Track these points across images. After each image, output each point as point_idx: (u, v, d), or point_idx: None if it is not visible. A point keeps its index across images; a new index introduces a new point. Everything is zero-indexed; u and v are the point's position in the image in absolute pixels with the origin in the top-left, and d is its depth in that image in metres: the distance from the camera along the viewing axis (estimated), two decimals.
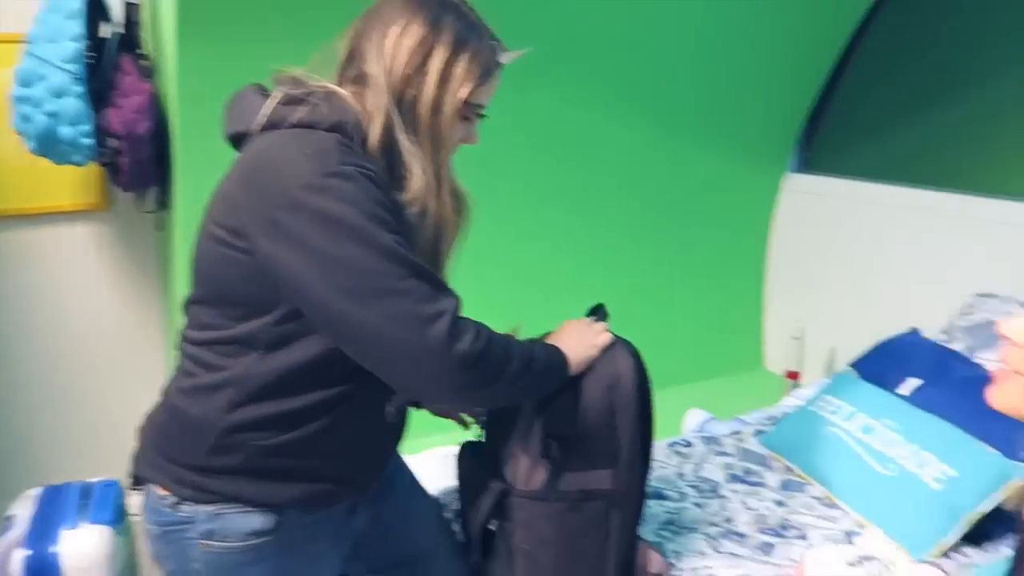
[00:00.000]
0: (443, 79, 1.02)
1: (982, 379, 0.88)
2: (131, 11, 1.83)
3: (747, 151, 2.67)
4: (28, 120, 1.72)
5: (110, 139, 1.77)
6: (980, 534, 1.41)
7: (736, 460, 1.73)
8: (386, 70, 1.01)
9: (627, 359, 1.19)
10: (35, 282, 2.04)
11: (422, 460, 1.70)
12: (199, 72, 1.68)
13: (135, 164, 1.80)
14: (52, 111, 1.70)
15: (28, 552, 1.58)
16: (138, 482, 1.10)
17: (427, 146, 1.03)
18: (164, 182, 1.89)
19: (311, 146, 0.96)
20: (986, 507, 1.40)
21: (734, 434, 1.85)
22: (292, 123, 0.99)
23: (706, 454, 1.75)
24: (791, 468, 1.69)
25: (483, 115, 1.11)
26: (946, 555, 1.39)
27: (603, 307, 1.26)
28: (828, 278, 2.65)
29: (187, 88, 1.71)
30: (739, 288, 2.87)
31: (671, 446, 1.79)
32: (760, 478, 1.67)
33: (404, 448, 1.33)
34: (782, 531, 1.47)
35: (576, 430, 1.17)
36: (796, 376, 2.66)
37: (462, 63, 1.03)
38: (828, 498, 1.58)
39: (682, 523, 1.48)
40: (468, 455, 1.31)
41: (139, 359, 2.18)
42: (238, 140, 1.07)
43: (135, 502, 1.22)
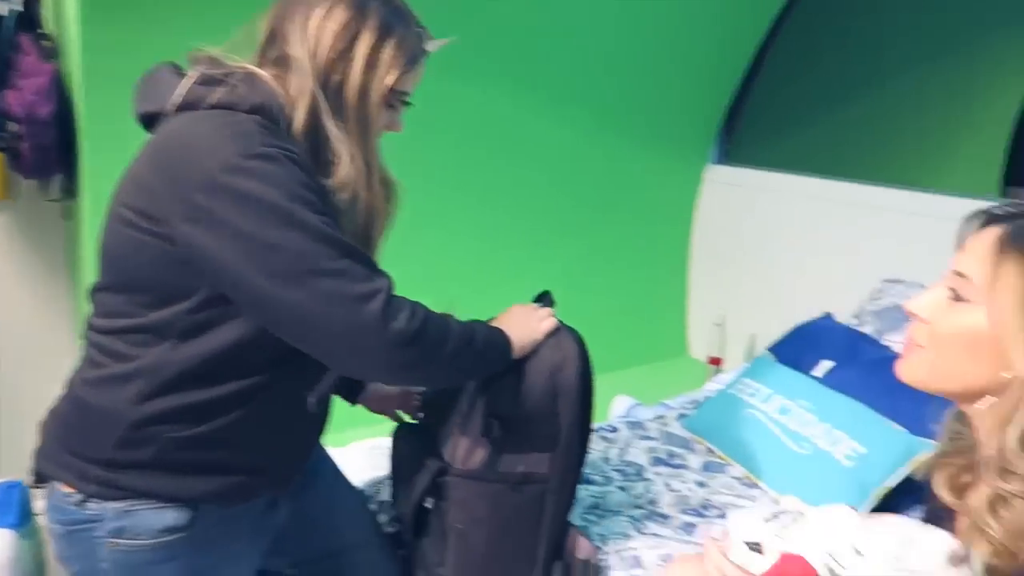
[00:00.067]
0: (369, 64, 1.01)
1: (890, 360, 0.91)
2: None
3: (670, 144, 2.72)
4: None
5: (9, 123, 1.67)
6: (890, 507, 1.48)
7: (660, 444, 1.77)
8: (310, 53, 0.99)
9: (572, 346, 1.21)
10: None
11: (348, 452, 1.68)
12: (104, 51, 1.61)
13: (37, 149, 1.71)
14: None
15: None
16: (41, 480, 1.05)
17: (355, 132, 1.01)
18: (70, 168, 1.80)
19: (231, 127, 0.94)
20: (893, 482, 1.46)
21: (658, 418, 1.89)
22: (210, 104, 0.96)
23: (631, 438, 1.78)
24: (712, 450, 1.73)
25: (408, 103, 1.10)
26: None
27: (549, 294, 1.28)
28: (748, 266, 2.73)
29: (92, 68, 1.63)
30: (663, 277, 2.93)
31: (597, 431, 1.80)
32: (683, 460, 1.71)
33: (330, 441, 1.31)
34: (703, 511, 1.51)
35: (518, 412, 1.18)
36: (718, 362, 2.74)
37: (388, 49, 1.02)
38: (748, 478, 1.62)
39: (607, 506, 1.50)
40: (404, 436, 1.32)
41: (47, 356, 2.06)
42: (150, 121, 1.03)
43: (42, 503, 1.16)
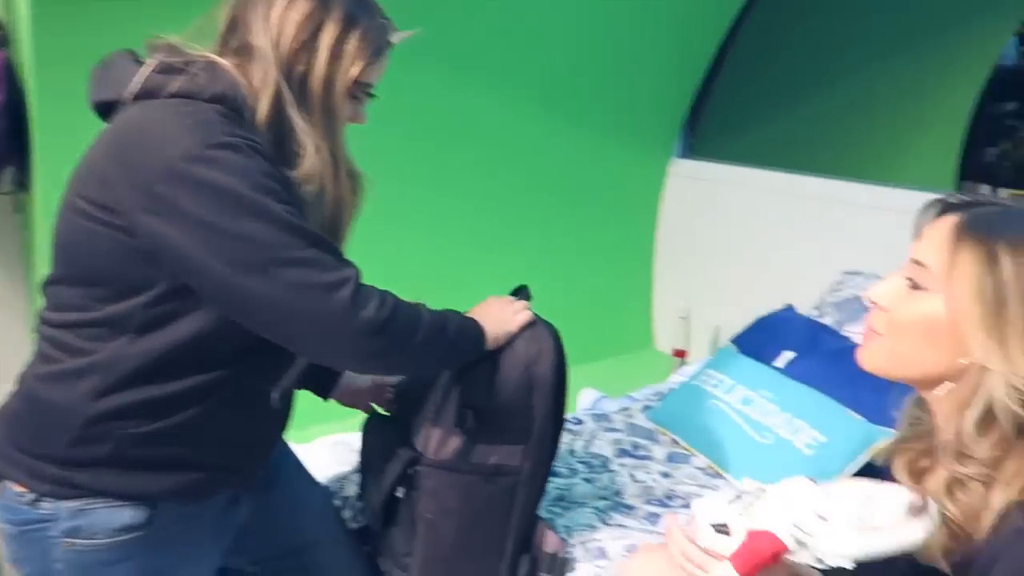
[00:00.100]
0: (334, 56, 1.00)
1: (850, 350, 0.92)
2: None
3: (635, 138, 2.73)
4: None
5: None
6: None
7: (625, 435, 1.78)
8: (273, 43, 0.97)
9: (549, 340, 1.22)
10: None
11: (313, 448, 1.66)
12: (57, 38, 1.56)
13: None
14: None
15: None
16: None
17: (320, 123, 1.00)
18: (21, 160, 1.75)
19: (191, 116, 0.92)
20: (852, 469, 1.49)
21: (623, 410, 1.90)
22: (170, 93, 0.95)
23: (596, 430, 1.78)
24: (677, 441, 1.75)
25: (372, 95, 1.09)
26: None
27: (526, 288, 1.28)
28: (712, 259, 2.76)
29: (44, 56, 1.58)
30: (629, 271, 2.94)
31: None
32: (648, 452, 1.72)
33: (294, 437, 1.30)
34: (668, 501, 1.52)
35: (493, 403, 1.18)
36: (683, 354, 2.76)
37: (353, 40, 1.01)
38: (711, 468, 1.64)
39: (572, 498, 1.51)
40: (375, 427, 1.31)
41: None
42: (106, 109, 1.00)
43: None
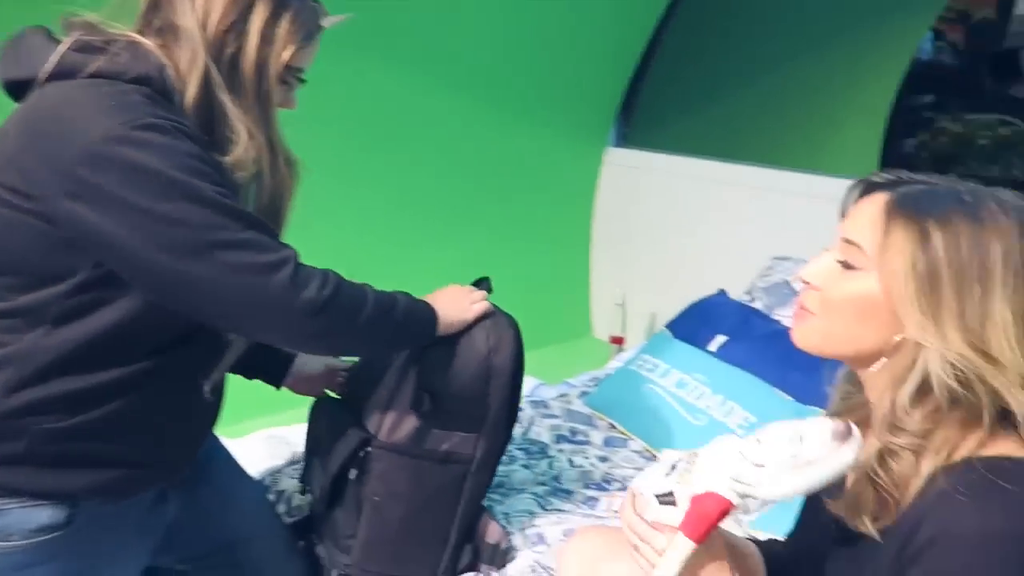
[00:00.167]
0: (265, 39, 0.97)
1: (779, 333, 0.94)
2: None
3: (570, 127, 2.75)
4: None
5: None
6: None
7: (563, 421, 1.79)
8: (200, 23, 0.94)
9: (508, 331, 1.23)
10: None
11: (246, 443, 1.62)
12: None
13: None
14: None
15: None
16: None
17: (254, 108, 0.98)
18: None
19: (114, 97, 0.89)
20: None
21: (561, 397, 1.91)
22: (89, 73, 0.91)
23: (534, 417, 1.79)
24: (614, 425, 1.77)
25: (302, 80, 1.06)
26: None
27: (488, 280, 1.29)
28: (647, 247, 2.80)
29: None
30: (566, 259, 2.96)
31: None
32: (585, 436, 1.74)
33: (226, 431, 1.27)
34: (606, 485, 1.54)
35: (450, 389, 1.19)
36: (620, 341, 2.79)
37: (284, 23, 0.98)
38: (648, 451, 1.67)
39: (511, 485, 1.51)
40: (325, 409, 1.30)
41: None
42: (18, 89, 0.95)
43: None
